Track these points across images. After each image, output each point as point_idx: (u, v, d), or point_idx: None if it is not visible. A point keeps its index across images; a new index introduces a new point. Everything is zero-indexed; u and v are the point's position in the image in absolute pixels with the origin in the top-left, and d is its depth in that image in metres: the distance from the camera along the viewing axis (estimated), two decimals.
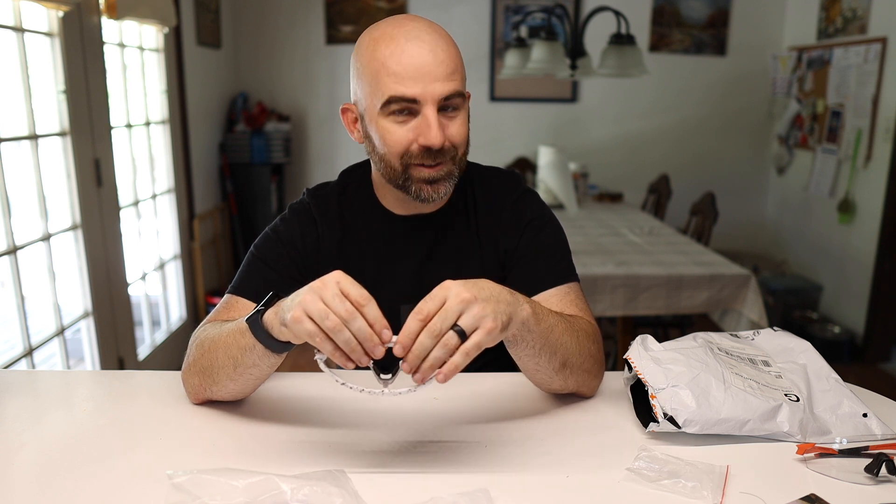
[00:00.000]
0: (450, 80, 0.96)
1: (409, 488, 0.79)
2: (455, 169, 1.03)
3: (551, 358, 0.92)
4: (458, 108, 1.00)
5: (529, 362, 0.93)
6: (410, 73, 0.94)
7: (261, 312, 0.86)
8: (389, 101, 0.96)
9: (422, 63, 0.94)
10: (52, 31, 2.39)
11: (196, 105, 3.67)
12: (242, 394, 0.99)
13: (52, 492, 0.78)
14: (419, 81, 0.94)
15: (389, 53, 0.95)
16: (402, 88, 0.95)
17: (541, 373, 0.95)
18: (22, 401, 1.03)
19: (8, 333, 2.58)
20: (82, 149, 2.53)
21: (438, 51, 0.96)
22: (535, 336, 0.88)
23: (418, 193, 1.02)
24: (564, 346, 0.93)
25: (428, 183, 1.01)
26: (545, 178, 3.84)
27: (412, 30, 0.96)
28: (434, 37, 0.97)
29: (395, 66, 0.95)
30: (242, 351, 0.89)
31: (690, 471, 0.79)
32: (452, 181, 1.03)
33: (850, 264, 3.67)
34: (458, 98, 0.99)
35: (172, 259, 3.49)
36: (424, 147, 0.98)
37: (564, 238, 1.15)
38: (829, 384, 0.96)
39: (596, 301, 2.35)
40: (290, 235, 1.11)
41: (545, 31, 3.06)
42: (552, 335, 0.90)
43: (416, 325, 0.77)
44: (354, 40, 1.09)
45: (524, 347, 0.89)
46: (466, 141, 1.03)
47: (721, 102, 4.47)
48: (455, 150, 1.01)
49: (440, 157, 0.99)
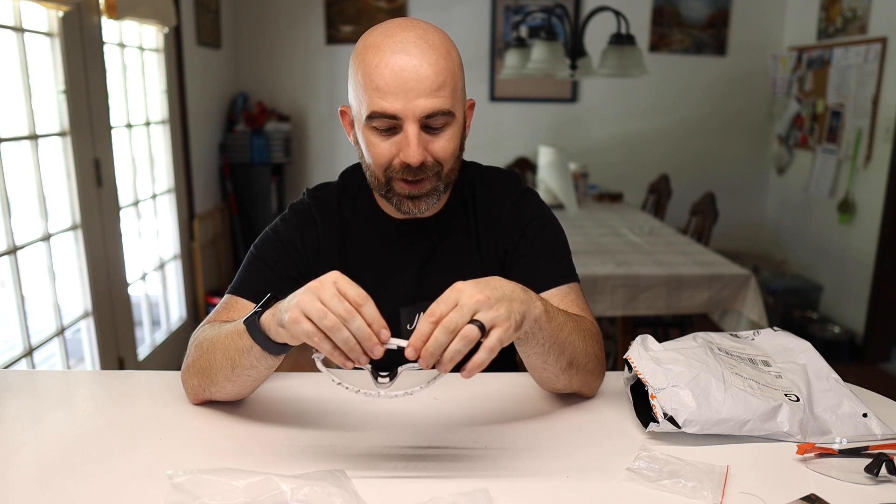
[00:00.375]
0: (434, 96, 0.93)
1: (409, 488, 0.79)
2: (440, 184, 1.02)
3: (559, 357, 0.92)
4: (447, 124, 0.97)
5: (538, 360, 0.93)
6: (392, 88, 0.92)
7: (258, 314, 0.86)
8: (371, 115, 0.95)
9: (404, 79, 0.92)
10: (52, 31, 2.39)
11: (196, 105, 3.67)
12: (241, 395, 0.99)
13: (52, 492, 0.78)
14: (401, 98, 0.92)
15: (374, 66, 0.93)
16: (384, 104, 0.93)
17: (547, 371, 0.95)
18: (22, 401, 1.03)
19: (8, 333, 2.58)
20: (82, 149, 2.53)
21: (424, 65, 0.92)
22: (545, 334, 0.88)
23: (399, 207, 1.03)
24: (572, 346, 0.93)
25: (409, 199, 1.01)
26: (545, 178, 3.84)
27: (400, 41, 0.93)
28: (423, 49, 0.93)
29: (379, 79, 0.93)
30: (240, 352, 0.89)
31: (690, 471, 0.79)
32: (436, 196, 1.03)
33: (850, 264, 3.67)
34: (444, 116, 0.96)
35: (172, 259, 3.49)
36: (403, 163, 0.97)
37: (565, 238, 1.15)
38: (829, 384, 0.96)
39: (596, 301, 2.35)
40: (290, 236, 1.11)
41: (545, 31, 3.06)
42: (561, 334, 0.90)
43: (428, 327, 0.76)
44: (354, 40, 1.09)
45: (534, 345, 0.89)
46: (454, 156, 1.01)
47: (721, 102, 4.47)
48: (440, 165, 1.00)
49: (421, 174, 0.98)
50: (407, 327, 1.10)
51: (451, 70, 0.96)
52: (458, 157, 1.04)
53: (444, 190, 1.04)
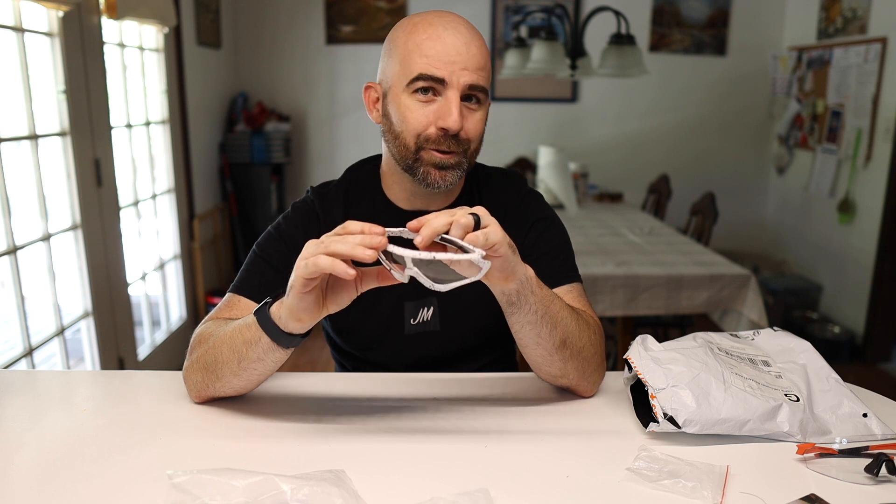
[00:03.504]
0: (478, 72, 1.00)
1: (409, 488, 0.79)
2: (465, 162, 1.04)
3: (552, 331, 0.92)
4: (481, 103, 1.02)
5: (531, 332, 0.92)
6: (443, 56, 0.98)
7: (268, 304, 0.88)
8: (418, 77, 0.99)
9: (456, 51, 0.98)
10: (52, 31, 2.39)
11: (196, 105, 3.67)
12: (245, 389, 0.99)
13: (52, 492, 0.78)
14: (449, 65, 0.98)
15: (427, 37, 0.99)
16: (432, 68, 0.98)
17: (541, 347, 0.95)
18: (22, 401, 1.03)
19: (8, 333, 2.58)
20: (82, 149, 2.53)
21: (472, 45, 1.00)
22: (537, 300, 0.89)
23: (426, 177, 1.03)
24: (564, 322, 0.94)
25: (437, 168, 1.02)
26: (545, 178, 3.84)
27: (451, 21, 1.01)
28: (472, 33, 1.01)
29: (430, 49, 0.98)
30: (248, 344, 0.90)
31: (690, 471, 0.79)
32: (461, 172, 1.04)
33: (850, 264, 3.67)
34: (482, 93, 1.01)
35: (172, 259, 3.49)
36: (442, 130, 0.99)
37: (568, 238, 1.16)
38: (829, 384, 0.96)
39: (596, 301, 2.35)
40: (293, 233, 1.11)
41: (545, 31, 3.06)
42: (553, 306, 0.92)
43: (434, 216, 0.80)
44: (354, 40, 1.11)
45: (525, 312, 0.90)
46: (480, 138, 1.05)
47: (721, 102, 4.47)
48: (469, 143, 1.03)
49: (454, 146, 1.01)
50: (411, 322, 1.11)
51: (489, 60, 1.04)
52: (480, 141, 1.06)
53: (465, 172, 1.06)
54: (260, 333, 0.88)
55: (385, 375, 1.11)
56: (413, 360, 1.14)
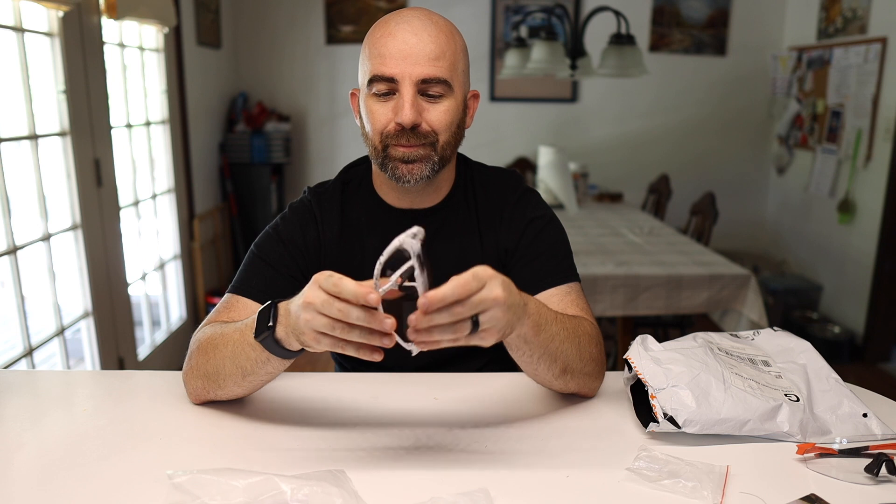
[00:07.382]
0: (431, 64, 0.98)
1: (409, 488, 0.79)
2: (434, 154, 1.02)
3: (551, 365, 0.93)
4: (443, 95, 1.00)
5: (528, 367, 0.94)
6: (393, 53, 0.98)
7: (272, 329, 0.84)
8: (372, 79, 0.99)
9: (405, 46, 0.98)
10: (52, 31, 2.39)
11: (196, 105, 3.67)
12: (246, 395, 1.00)
13: (52, 492, 0.78)
14: (399, 62, 0.98)
15: (380, 36, 1.00)
16: (383, 68, 0.98)
17: (539, 377, 0.97)
18: (22, 401, 1.03)
19: (8, 333, 2.58)
20: (82, 149, 2.53)
21: (424, 35, 0.98)
22: (532, 347, 0.89)
23: (394, 172, 1.03)
24: (565, 355, 0.93)
25: (403, 162, 1.02)
26: (545, 178, 3.84)
27: (406, 16, 1.00)
28: (425, 24, 0.99)
29: (382, 47, 0.99)
30: (255, 363, 0.89)
31: (690, 471, 0.79)
32: (430, 165, 1.03)
33: (850, 264, 3.67)
34: (440, 84, 0.99)
35: (172, 259, 3.49)
36: (399, 125, 0.99)
37: (566, 238, 1.15)
38: (829, 384, 0.96)
39: (596, 301, 2.35)
40: (291, 234, 1.11)
41: (545, 31, 3.06)
42: (552, 344, 0.90)
43: (453, 295, 0.73)
44: (354, 40, 1.12)
45: (521, 355, 0.90)
46: (449, 129, 1.03)
47: (721, 102, 4.47)
48: (435, 135, 1.01)
49: (414, 139, 1.00)
50: None
51: (452, 48, 1.01)
52: (454, 133, 1.04)
53: (439, 164, 1.04)
54: (268, 356, 0.87)
55: (385, 375, 1.11)
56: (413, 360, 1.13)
